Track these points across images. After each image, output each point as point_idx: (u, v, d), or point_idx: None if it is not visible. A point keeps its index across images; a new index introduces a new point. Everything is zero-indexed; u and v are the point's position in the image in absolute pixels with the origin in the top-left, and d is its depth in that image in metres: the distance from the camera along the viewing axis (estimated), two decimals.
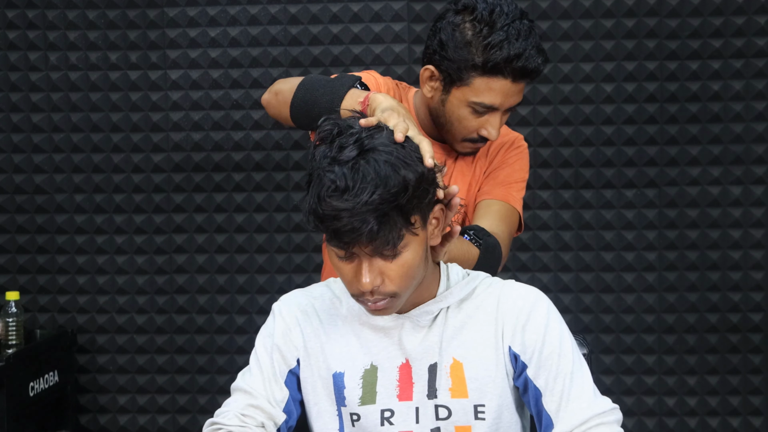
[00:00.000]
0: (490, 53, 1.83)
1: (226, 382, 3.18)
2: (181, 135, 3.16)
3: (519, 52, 1.83)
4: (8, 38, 3.17)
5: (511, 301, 1.55)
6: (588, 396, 1.50)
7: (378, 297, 1.46)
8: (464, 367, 1.53)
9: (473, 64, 1.85)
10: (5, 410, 2.74)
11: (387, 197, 1.37)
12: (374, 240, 1.39)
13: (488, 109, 1.88)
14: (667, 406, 3.08)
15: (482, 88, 1.87)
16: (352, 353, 1.56)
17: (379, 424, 1.54)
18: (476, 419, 1.53)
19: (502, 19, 1.84)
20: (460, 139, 1.95)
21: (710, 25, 3.02)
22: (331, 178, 1.37)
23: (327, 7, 3.10)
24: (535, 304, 1.55)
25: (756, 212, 3.05)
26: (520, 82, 1.87)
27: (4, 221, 3.23)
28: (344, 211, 1.36)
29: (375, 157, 1.38)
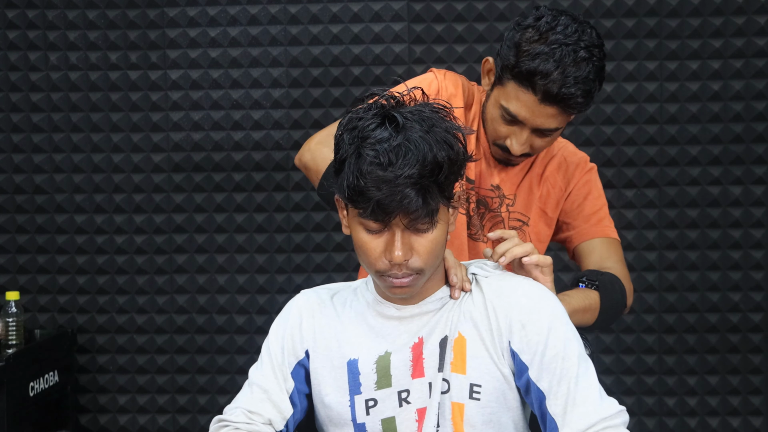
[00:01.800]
0: (523, 59, 1.81)
1: (226, 382, 3.18)
2: (181, 135, 3.16)
3: (548, 72, 1.79)
4: (8, 38, 3.18)
5: (515, 298, 1.56)
6: (594, 399, 1.49)
7: (406, 272, 1.49)
8: (467, 343, 1.55)
9: (508, 65, 1.85)
10: (5, 410, 2.74)
11: (425, 173, 1.42)
12: (416, 210, 1.44)
13: (514, 119, 1.86)
14: (667, 406, 3.08)
15: (512, 95, 1.85)
16: (366, 341, 1.59)
17: (397, 405, 1.55)
18: (470, 398, 1.53)
19: (556, 37, 1.80)
20: (492, 140, 1.95)
21: (710, 25, 3.02)
22: (372, 154, 1.42)
23: (327, 7, 3.10)
24: (539, 304, 1.55)
25: (756, 212, 3.05)
26: (547, 104, 1.82)
27: (4, 221, 3.23)
28: (387, 182, 1.41)
29: (410, 134, 1.43)
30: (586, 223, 2.03)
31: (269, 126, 3.14)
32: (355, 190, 1.44)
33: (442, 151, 1.44)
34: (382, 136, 1.44)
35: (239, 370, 3.17)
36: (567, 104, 1.82)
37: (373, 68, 3.08)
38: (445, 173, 1.44)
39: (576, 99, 1.81)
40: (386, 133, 1.44)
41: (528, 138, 1.89)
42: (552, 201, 2.05)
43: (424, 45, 3.08)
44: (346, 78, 3.11)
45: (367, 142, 1.44)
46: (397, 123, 1.44)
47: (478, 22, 3.06)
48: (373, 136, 1.44)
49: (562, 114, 1.86)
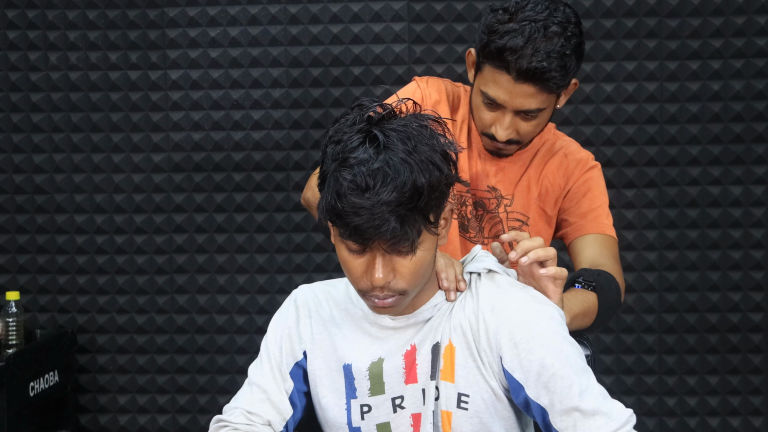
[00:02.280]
0: (493, 38, 1.80)
1: (226, 382, 3.18)
2: (181, 135, 3.16)
3: (517, 47, 1.77)
4: (8, 38, 3.17)
5: (507, 314, 1.51)
6: (603, 410, 1.45)
7: (387, 293, 1.46)
8: (456, 351, 1.52)
9: (482, 47, 1.84)
10: (5, 410, 2.74)
11: (404, 200, 1.37)
12: (395, 237, 1.39)
13: (494, 103, 1.85)
14: (667, 406, 3.08)
15: (489, 79, 1.84)
16: (361, 346, 1.57)
17: (392, 411, 1.55)
18: (458, 407, 1.52)
19: (525, 14, 1.79)
20: (480, 131, 1.94)
21: (710, 25, 3.02)
22: (349, 177, 1.37)
23: (327, 7, 3.10)
24: (532, 322, 1.50)
25: (756, 212, 3.05)
26: (523, 82, 1.79)
27: (4, 221, 3.23)
28: (364, 209, 1.36)
29: (391, 157, 1.37)
30: (582, 219, 2.00)
31: (269, 126, 3.14)
32: (332, 212, 1.40)
33: (423, 175, 1.37)
34: (362, 157, 1.38)
35: (239, 370, 3.17)
36: (542, 80, 1.79)
37: (373, 68, 3.09)
38: (425, 199, 1.38)
39: (550, 73, 1.77)
40: (366, 154, 1.38)
41: (512, 122, 1.86)
42: (551, 199, 2.03)
43: (424, 45, 3.08)
44: (346, 78, 3.11)
45: (347, 162, 1.38)
46: (378, 143, 1.38)
47: (478, 22, 3.05)
48: (354, 156, 1.38)
49: (541, 92, 1.82)
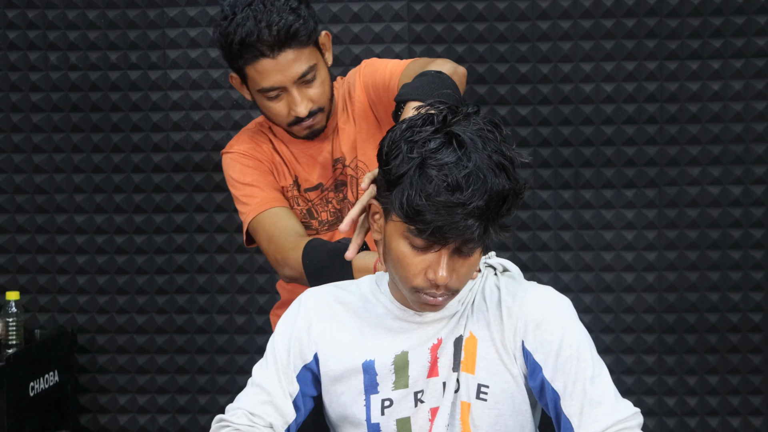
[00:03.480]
0: (228, 42, 1.90)
1: (226, 382, 3.18)
2: (181, 135, 3.16)
3: (251, 29, 1.86)
4: (8, 38, 3.17)
5: (528, 298, 1.56)
6: (610, 401, 1.49)
7: (444, 292, 1.48)
8: (478, 343, 1.54)
9: (230, 58, 1.93)
10: (5, 410, 2.74)
11: (492, 205, 1.40)
12: (476, 240, 1.41)
13: (275, 90, 1.93)
14: (667, 406, 3.08)
15: (254, 75, 1.92)
16: (383, 343, 1.57)
17: (413, 406, 1.55)
18: (477, 398, 1.53)
19: (239, 8, 1.89)
20: (285, 125, 2.01)
21: (710, 25, 3.02)
22: (438, 176, 1.38)
23: (327, 7, 3.10)
24: (554, 305, 1.56)
25: (756, 212, 3.05)
26: (280, 53, 1.89)
27: (4, 221, 3.23)
28: (450, 209, 1.38)
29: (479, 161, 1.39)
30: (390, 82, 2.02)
31: None
32: (413, 209, 1.40)
33: (507, 182, 1.41)
34: (449, 159, 1.39)
35: (239, 370, 3.17)
36: (291, 37, 1.89)
37: None
38: (508, 205, 1.42)
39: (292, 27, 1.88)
40: (453, 156, 1.39)
41: (300, 94, 1.94)
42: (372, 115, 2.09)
43: (424, 45, 3.08)
44: None
45: (432, 160, 1.39)
46: (465, 146, 1.40)
47: (478, 22, 3.06)
48: (439, 157, 1.39)
49: (300, 50, 1.91)
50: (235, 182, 2.09)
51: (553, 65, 3.05)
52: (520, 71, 3.06)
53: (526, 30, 3.05)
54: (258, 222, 2.03)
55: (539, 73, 3.06)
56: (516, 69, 3.06)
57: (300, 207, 2.11)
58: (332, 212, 2.09)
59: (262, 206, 2.03)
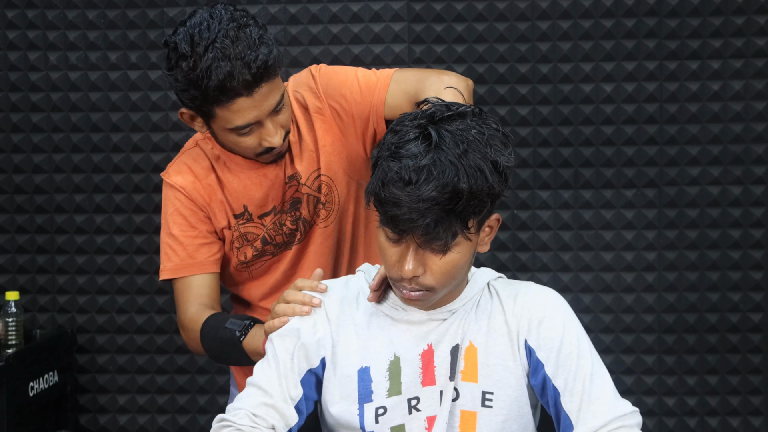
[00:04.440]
0: (203, 86, 1.77)
1: (225, 382, 3.18)
2: (181, 135, 3.16)
3: (229, 71, 1.74)
4: (8, 38, 3.17)
5: (530, 297, 1.58)
6: (609, 398, 1.51)
7: (415, 286, 1.48)
8: (478, 351, 1.55)
9: (202, 101, 1.80)
10: (5, 410, 2.74)
11: (443, 200, 1.39)
12: (428, 233, 1.42)
13: (250, 125, 1.83)
14: (667, 406, 3.08)
15: (227, 115, 1.81)
16: (376, 347, 1.57)
17: (407, 413, 1.55)
18: (483, 406, 1.53)
19: (202, 46, 1.76)
20: (254, 156, 1.92)
21: (710, 25, 3.02)
22: (395, 169, 1.41)
23: (327, 7, 3.10)
24: (553, 303, 1.58)
25: (756, 212, 3.05)
26: (256, 89, 1.78)
27: (4, 221, 3.23)
28: (403, 201, 1.40)
29: (440, 156, 1.40)
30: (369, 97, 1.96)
31: None
32: (375, 198, 1.44)
33: (467, 180, 1.40)
34: (412, 151, 1.41)
35: None
36: (269, 70, 1.79)
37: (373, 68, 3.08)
38: (463, 204, 1.41)
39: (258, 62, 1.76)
40: (417, 149, 1.41)
41: (273, 124, 1.85)
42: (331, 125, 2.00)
43: (423, 45, 3.08)
44: None
45: (398, 153, 1.42)
46: (430, 141, 1.42)
47: (478, 22, 3.06)
48: (405, 149, 1.42)
49: (273, 82, 1.81)
50: (165, 223, 2.01)
51: (553, 65, 3.05)
52: (520, 71, 3.06)
53: (525, 30, 3.05)
54: (173, 284, 2.01)
55: (539, 73, 3.06)
56: (516, 69, 3.06)
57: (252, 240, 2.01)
58: (287, 234, 2.02)
59: (177, 271, 1.98)
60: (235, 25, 1.77)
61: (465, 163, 1.40)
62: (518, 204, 3.09)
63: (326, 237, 2.03)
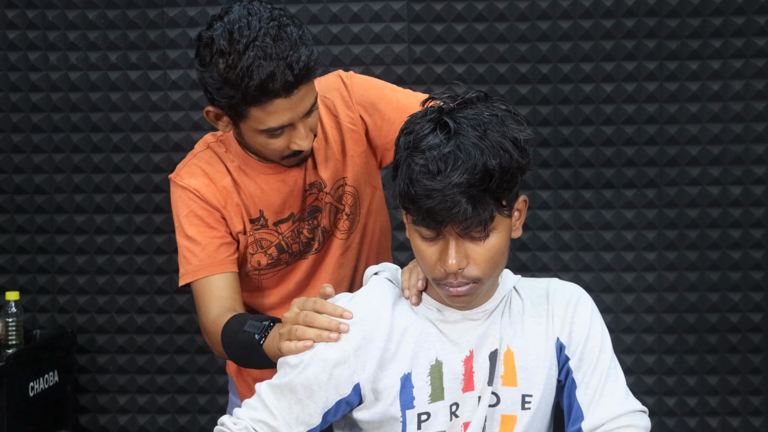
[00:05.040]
0: (243, 86, 1.72)
1: (225, 382, 3.17)
2: (181, 135, 3.16)
3: (272, 71, 1.70)
4: (8, 38, 3.17)
5: (560, 294, 1.60)
6: (621, 394, 1.54)
7: (462, 281, 1.47)
8: (515, 356, 1.56)
9: (239, 100, 1.75)
10: (5, 410, 2.74)
11: (475, 181, 1.39)
12: (467, 219, 1.41)
13: (282, 128, 1.79)
14: (667, 406, 3.08)
15: (261, 117, 1.77)
16: (417, 352, 1.55)
17: (448, 420, 1.55)
18: (523, 409, 1.55)
19: (243, 44, 1.71)
20: (279, 159, 1.88)
21: (710, 25, 3.02)
22: (421, 162, 1.40)
23: (327, 7, 3.10)
24: (582, 298, 1.61)
25: (756, 212, 3.05)
26: (294, 91, 1.74)
27: (4, 221, 3.23)
28: (437, 191, 1.39)
29: (462, 141, 1.41)
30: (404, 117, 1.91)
31: None
32: (406, 198, 1.43)
33: (494, 158, 1.40)
34: (433, 142, 1.41)
35: None
36: (309, 72, 1.76)
37: (372, 68, 3.09)
38: (496, 181, 1.40)
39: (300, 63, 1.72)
40: (437, 139, 1.41)
41: (305, 127, 1.81)
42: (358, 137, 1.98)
43: (423, 45, 3.08)
44: None
45: (418, 148, 1.42)
46: (449, 129, 1.42)
47: (478, 22, 3.06)
48: (425, 143, 1.42)
49: (309, 84, 1.78)
50: (180, 226, 1.94)
51: (553, 65, 3.05)
52: (520, 71, 3.06)
53: (525, 30, 3.05)
54: (193, 287, 1.92)
55: (539, 73, 3.06)
56: (516, 69, 3.06)
57: (266, 247, 1.97)
58: (303, 242, 1.98)
59: (197, 273, 1.90)
60: (275, 24, 1.73)
61: (487, 143, 1.41)
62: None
63: (346, 248, 2.00)
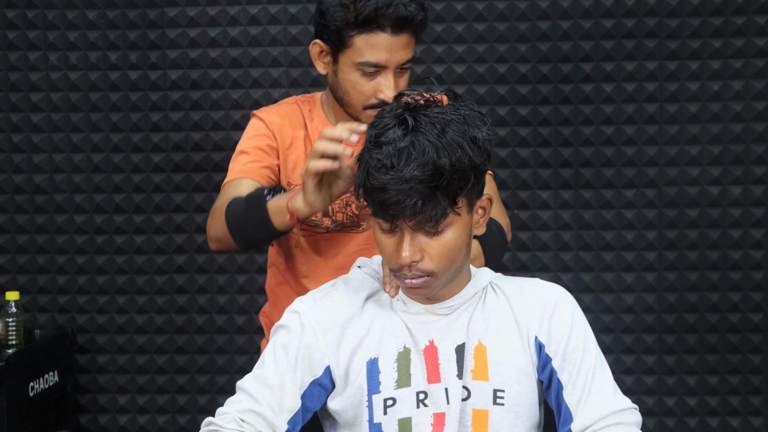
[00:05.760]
0: (359, 6, 1.88)
1: (225, 382, 3.18)
2: (181, 135, 3.16)
3: (389, 1, 1.87)
4: (8, 38, 3.17)
5: (538, 293, 1.59)
6: (609, 392, 1.53)
7: (416, 273, 1.49)
8: (487, 350, 1.56)
9: (348, 23, 1.90)
10: (5, 410, 2.74)
11: (425, 178, 1.42)
12: (417, 214, 1.44)
13: (376, 68, 1.92)
14: (667, 406, 3.08)
15: (364, 47, 1.91)
16: (384, 337, 1.57)
17: (414, 407, 1.55)
18: (494, 404, 1.54)
19: None
20: (361, 107, 1.98)
21: (710, 25, 3.02)
22: (378, 156, 1.44)
23: None
24: (562, 298, 1.59)
25: (756, 212, 3.05)
26: (400, 34, 1.90)
27: (4, 221, 3.23)
28: (389, 185, 1.43)
29: (418, 138, 1.44)
30: None
31: None
32: (363, 190, 1.47)
33: (447, 156, 1.43)
34: (391, 137, 1.45)
35: (239, 370, 3.17)
36: (415, 25, 1.92)
37: None
38: (446, 179, 1.43)
39: (418, 16, 1.91)
40: (395, 135, 1.45)
41: (395, 79, 1.94)
42: None
43: (424, 45, 3.08)
44: None
45: (378, 143, 1.46)
46: (407, 125, 1.45)
47: (478, 22, 3.06)
48: (384, 137, 1.46)
49: (412, 40, 1.94)
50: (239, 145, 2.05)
51: (553, 65, 3.05)
52: (520, 71, 3.06)
53: (525, 30, 3.05)
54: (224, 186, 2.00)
55: (539, 73, 3.06)
56: (516, 69, 3.06)
57: None
58: (348, 215, 2.04)
59: (235, 174, 2.00)
60: None
61: (444, 141, 1.44)
62: (518, 204, 3.09)
63: None
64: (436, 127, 1.45)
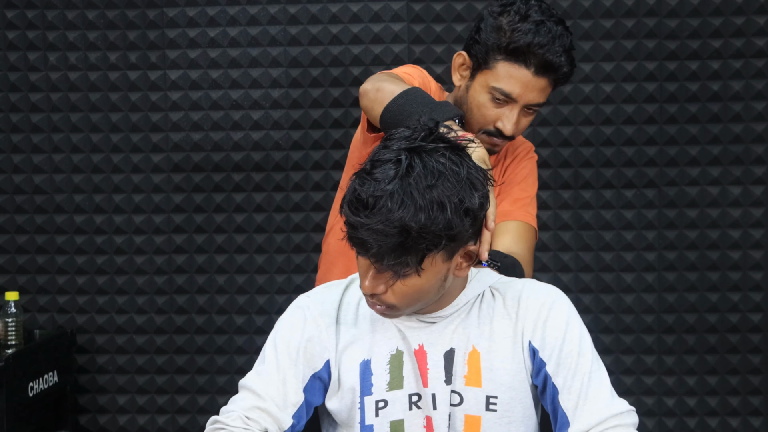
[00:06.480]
0: (515, 36, 1.88)
1: (225, 382, 3.18)
2: (181, 135, 3.16)
3: (543, 42, 1.87)
4: (8, 38, 3.17)
5: (533, 297, 1.57)
6: (605, 396, 1.51)
7: (376, 302, 1.49)
8: (481, 356, 1.55)
9: (498, 46, 1.90)
10: (5, 410, 2.74)
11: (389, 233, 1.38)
12: (377, 262, 1.42)
13: (506, 98, 1.92)
14: (667, 407, 3.08)
15: (503, 74, 1.91)
16: (377, 339, 1.57)
17: (407, 409, 1.55)
18: (487, 410, 1.54)
19: (536, 15, 1.90)
20: (478, 129, 1.98)
21: (710, 26, 3.02)
22: (359, 189, 1.40)
23: (326, 7, 3.10)
24: (557, 302, 1.57)
25: (755, 212, 3.05)
26: (541, 76, 1.90)
27: (3, 221, 3.23)
28: (358, 224, 1.40)
29: (403, 187, 1.38)
30: (512, 206, 2.06)
31: (268, 126, 3.14)
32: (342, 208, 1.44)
33: (421, 218, 1.37)
34: (380, 176, 1.40)
35: (239, 370, 3.17)
36: (557, 74, 1.92)
37: (372, 68, 3.08)
38: (413, 239, 1.39)
39: (563, 68, 1.91)
40: (385, 174, 1.40)
41: (518, 115, 1.94)
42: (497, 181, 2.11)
43: (423, 45, 3.08)
44: (345, 78, 3.11)
45: (371, 172, 1.41)
46: (400, 169, 1.40)
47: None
48: (377, 170, 1.41)
49: (549, 87, 1.95)
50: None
51: None
52: None
53: None
54: None
55: None
56: None
57: None
58: None
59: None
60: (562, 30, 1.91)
61: (428, 198, 1.38)
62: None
63: None
64: (427, 180, 1.39)
